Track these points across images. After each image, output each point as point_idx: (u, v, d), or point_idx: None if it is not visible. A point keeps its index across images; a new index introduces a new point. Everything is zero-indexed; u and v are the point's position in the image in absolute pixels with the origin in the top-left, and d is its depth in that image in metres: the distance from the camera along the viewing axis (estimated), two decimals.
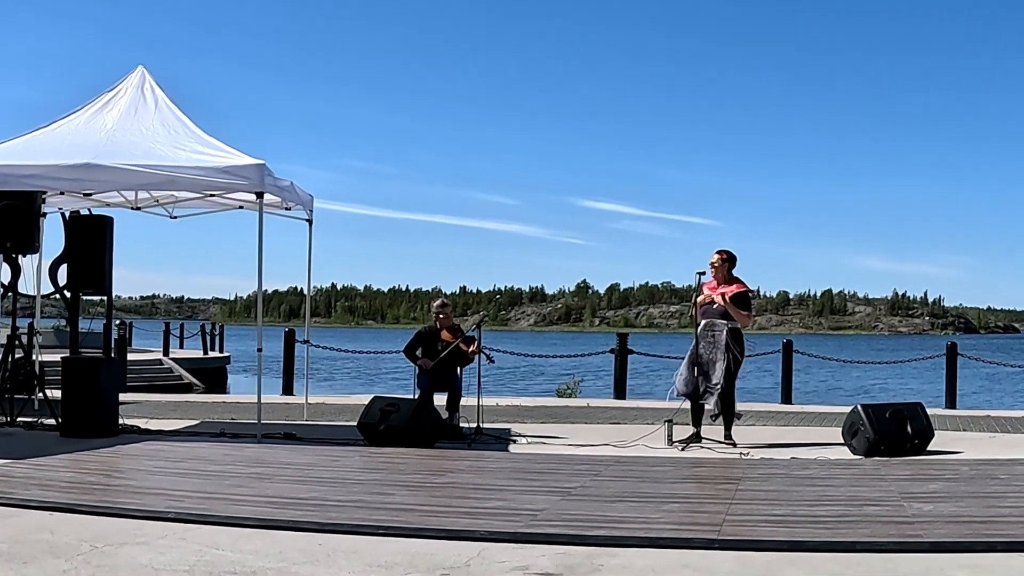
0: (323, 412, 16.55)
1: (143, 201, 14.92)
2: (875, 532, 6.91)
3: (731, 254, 12.66)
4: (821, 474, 9.86)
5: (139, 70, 14.08)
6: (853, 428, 11.74)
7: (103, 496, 8.34)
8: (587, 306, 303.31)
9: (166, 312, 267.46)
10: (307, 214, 14.90)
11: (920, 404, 12.13)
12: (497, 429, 13.66)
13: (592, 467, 10.29)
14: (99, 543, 6.62)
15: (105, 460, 10.61)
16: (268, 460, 10.69)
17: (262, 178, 12.31)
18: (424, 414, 12.29)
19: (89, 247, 13.51)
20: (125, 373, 24.52)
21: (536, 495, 8.52)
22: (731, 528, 7.07)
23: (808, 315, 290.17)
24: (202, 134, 13.17)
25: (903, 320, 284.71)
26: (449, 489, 9.02)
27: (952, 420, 15.55)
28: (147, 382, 29.09)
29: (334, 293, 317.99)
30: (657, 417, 14.09)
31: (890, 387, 40.34)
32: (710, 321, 12.43)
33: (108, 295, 14.64)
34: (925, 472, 9.88)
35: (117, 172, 12.16)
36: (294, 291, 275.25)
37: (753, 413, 15.60)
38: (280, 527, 7.14)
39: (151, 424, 14.02)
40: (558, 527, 7.14)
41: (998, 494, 8.54)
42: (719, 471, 10.28)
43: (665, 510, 7.84)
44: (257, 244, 12.61)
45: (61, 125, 13.34)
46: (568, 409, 17.84)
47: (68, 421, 12.53)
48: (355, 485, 9.17)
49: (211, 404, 18.53)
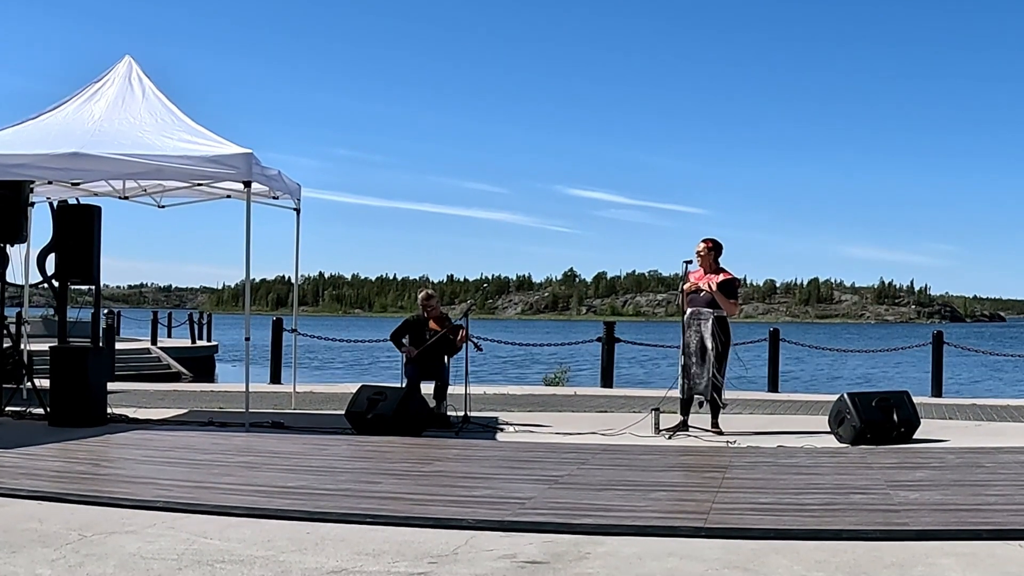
0: (311, 401, 16.57)
1: (131, 190, 14.89)
2: (861, 520, 6.95)
3: (717, 243, 12.69)
4: (807, 462, 9.90)
5: (126, 59, 14.06)
6: (839, 416, 11.78)
7: (92, 485, 8.35)
8: (574, 294, 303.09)
9: (154, 301, 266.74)
10: (295, 203, 14.89)
11: (906, 392, 12.17)
12: (484, 418, 13.69)
13: (579, 455, 10.31)
14: (88, 532, 6.63)
15: (93, 449, 10.61)
16: (256, 449, 10.70)
17: (250, 167, 12.30)
18: (412, 403, 12.30)
19: (77, 236, 13.49)
20: (113, 362, 24.53)
21: (523, 483, 8.54)
22: (718, 516, 7.10)
23: (795, 303, 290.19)
24: (190, 123, 13.16)
25: (890, 308, 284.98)
26: (437, 477, 9.04)
27: (938, 408, 15.61)
28: (135, 371, 29.11)
29: (322, 282, 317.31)
30: (644, 406, 14.13)
31: (877, 375, 40.45)
32: (696, 310, 12.45)
33: (96, 284, 14.61)
34: (911, 460, 9.91)
35: (105, 162, 12.15)
36: (282, 280, 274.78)
37: (740, 401, 15.64)
38: (268, 516, 7.15)
39: (139, 413, 14.01)
40: (545, 515, 7.16)
41: (984, 482, 8.58)
42: (706, 459, 10.30)
43: (652, 498, 7.87)
44: (245, 233, 12.62)
45: (49, 115, 13.32)
46: (555, 397, 17.88)
47: (56, 410, 12.53)
48: (343, 474, 9.18)
49: (199, 393, 18.53)
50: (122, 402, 15.03)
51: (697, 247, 12.67)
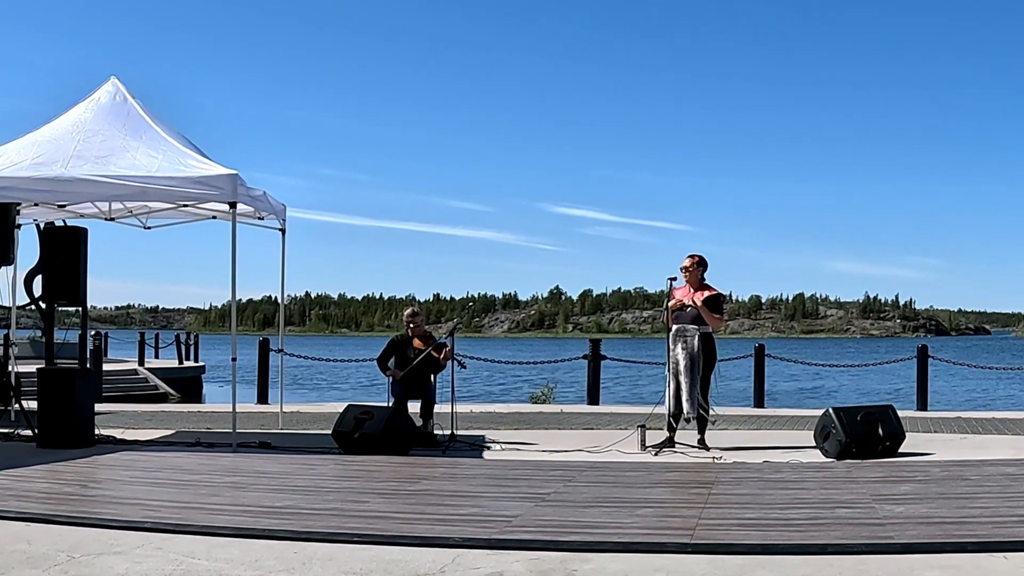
0: (298, 421, 16.56)
1: (117, 212, 14.89)
2: (847, 534, 6.97)
3: (703, 259, 12.72)
4: (793, 477, 9.93)
5: (112, 80, 14.06)
6: (825, 431, 11.82)
7: (79, 506, 8.34)
8: (560, 312, 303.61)
9: (141, 322, 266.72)
10: (280, 223, 14.92)
11: (891, 406, 12.23)
12: (471, 436, 13.71)
13: (566, 472, 10.33)
14: (76, 553, 6.64)
15: (81, 470, 10.59)
16: (243, 469, 10.70)
17: (235, 188, 12.32)
18: (398, 422, 12.32)
19: (64, 258, 13.49)
20: (101, 383, 24.52)
21: (510, 501, 8.56)
22: (704, 532, 7.13)
23: (780, 319, 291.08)
24: (175, 143, 13.17)
25: (875, 323, 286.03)
26: (423, 496, 9.06)
27: (923, 422, 15.68)
28: (123, 392, 29.11)
29: (308, 302, 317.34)
30: (630, 422, 14.15)
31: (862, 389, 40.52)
32: (682, 327, 12.48)
33: (83, 306, 14.63)
34: (896, 474, 9.95)
35: (90, 184, 12.16)
36: (268, 300, 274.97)
37: (725, 417, 15.67)
38: (256, 536, 7.16)
39: (127, 434, 14.00)
40: (532, 533, 7.18)
41: (969, 495, 8.62)
42: (692, 475, 10.33)
43: (638, 515, 7.89)
44: (231, 254, 12.63)
45: (34, 136, 13.27)
46: (542, 415, 17.90)
47: (44, 432, 12.51)
48: (330, 493, 9.19)
49: (186, 414, 18.51)
50: (110, 423, 15.00)
51: (683, 262, 12.69)
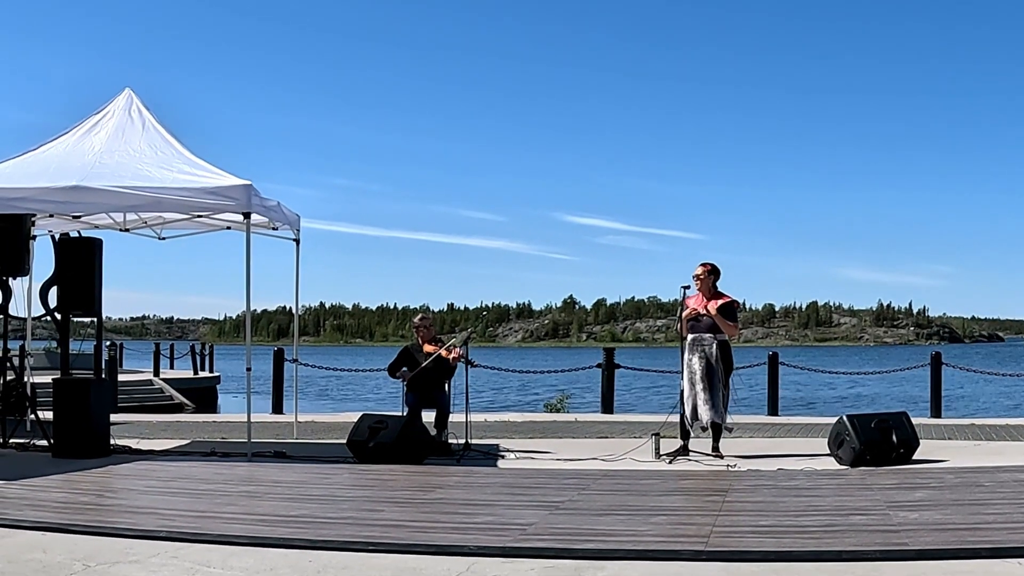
0: (313, 430, 16.58)
1: (131, 223, 14.94)
2: (861, 541, 6.97)
3: (715, 267, 12.71)
4: (807, 484, 9.93)
5: (126, 92, 14.14)
6: (839, 438, 11.81)
7: (95, 516, 8.38)
8: (574, 321, 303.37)
9: (156, 333, 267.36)
10: (294, 233, 14.96)
11: (905, 413, 12.21)
12: (485, 445, 13.71)
13: (580, 481, 10.34)
14: (91, 562, 6.66)
15: (97, 480, 10.63)
16: (258, 478, 10.73)
17: (249, 199, 12.35)
18: (413, 431, 12.32)
19: (79, 269, 13.54)
20: (116, 394, 24.55)
21: (524, 509, 8.57)
22: (718, 539, 7.13)
23: (794, 327, 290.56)
24: (189, 155, 13.21)
25: (888, 331, 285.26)
26: (438, 505, 9.07)
27: (937, 429, 15.64)
28: (138, 402, 29.16)
29: (322, 312, 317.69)
30: (644, 431, 14.16)
31: (876, 397, 40.43)
32: (699, 336, 12.46)
33: (98, 316, 14.68)
34: (911, 481, 9.94)
35: (105, 194, 12.20)
36: (283, 310, 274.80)
37: (740, 425, 15.64)
38: (271, 544, 7.18)
39: (142, 444, 14.03)
40: (546, 541, 7.19)
41: (983, 501, 8.62)
42: (706, 483, 10.33)
43: (653, 522, 7.90)
44: (245, 264, 12.66)
45: (50, 148, 13.36)
46: (556, 424, 17.90)
47: (60, 442, 12.56)
48: (345, 502, 9.20)
49: (201, 423, 18.55)
50: (125, 433, 15.05)
51: (696, 271, 12.68)
